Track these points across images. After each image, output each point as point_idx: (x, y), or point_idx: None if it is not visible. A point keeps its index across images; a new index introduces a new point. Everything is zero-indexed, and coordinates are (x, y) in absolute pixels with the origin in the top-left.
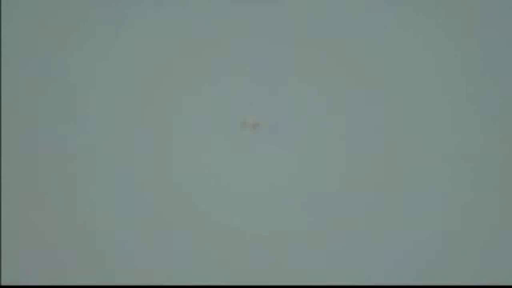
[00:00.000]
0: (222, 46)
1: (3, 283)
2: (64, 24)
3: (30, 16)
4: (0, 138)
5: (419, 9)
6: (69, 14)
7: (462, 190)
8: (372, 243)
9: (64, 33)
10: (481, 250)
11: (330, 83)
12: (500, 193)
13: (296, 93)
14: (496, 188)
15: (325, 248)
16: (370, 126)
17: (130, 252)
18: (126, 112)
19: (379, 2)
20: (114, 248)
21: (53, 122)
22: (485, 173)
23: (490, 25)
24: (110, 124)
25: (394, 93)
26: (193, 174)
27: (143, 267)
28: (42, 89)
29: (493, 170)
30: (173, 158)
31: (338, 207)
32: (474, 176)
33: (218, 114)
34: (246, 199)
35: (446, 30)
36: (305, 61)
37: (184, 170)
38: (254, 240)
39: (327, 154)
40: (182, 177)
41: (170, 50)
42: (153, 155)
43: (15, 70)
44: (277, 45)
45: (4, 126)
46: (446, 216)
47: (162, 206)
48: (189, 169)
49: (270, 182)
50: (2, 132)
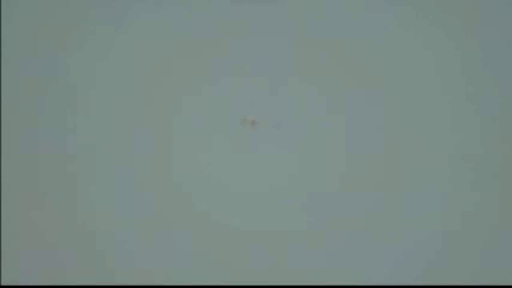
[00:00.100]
0: (222, 46)
1: (3, 283)
2: (64, 24)
3: (30, 16)
4: (0, 138)
5: (419, 9)
6: (69, 14)
7: (462, 190)
8: (372, 243)
9: (64, 33)
10: (481, 250)
11: (330, 83)
12: (500, 193)
13: (296, 93)
14: (496, 188)
15: (325, 248)
16: (370, 126)
17: (130, 252)
18: (126, 112)
19: (379, 2)
20: (114, 248)
21: (53, 122)
22: (485, 173)
23: (490, 25)
24: (110, 124)
25: (394, 93)
26: (193, 174)
27: (143, 267)
28: (42, 89)
29: (493, 170)
30: (173, 158)
31: (338, 207)
32: (474, 176)
33: (218, 114)
34: (246, 199)
35: (446, 30)
36: (305, 61)
37: (184, 170)
38: (254, 240)
39: (327, 154)
40: (182, 177)
41: (170, 50)
42: (153, 155)
43: (15, 70)
44: (277, 45)
45: (4, 126)
46: (446, 216)
47: (162, 206)
48: (189, 169)
49: (270, 182)
50: (2, 132)
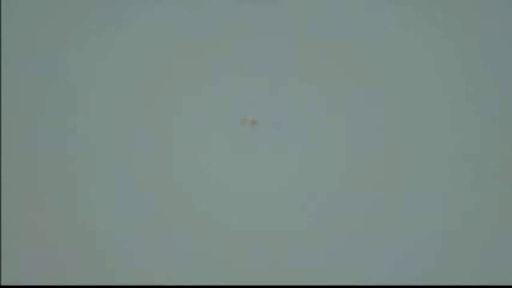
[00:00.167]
0: (222, 46)
1: (3, 283)
2: (64, 24)
3: (30, 16)
4: (0, 138)
5: (419, 9)
6: (69, 14)
7: (462, 190)
8: (372, 243)
9: (64, 33)
10: (481, 250)
11: (330, 83)
12: (500, 193)
13: (296, 93)
14: (496, 188)
15: (325, 248)
16: (370, 126)
17: (130, 252)
18: (126, 112)
19: (379, 2)
20: (114, 248)
21: (53, 122)
22: (485, 173)
23: (490, 25)
24: (110, 124)
25: (394, 93)
26: (192, 174)
27: (143, 267)
28: (42, 89)
29: (493, 170)
30: (173, 158)
31: (338, 207)
32: (474, 176)
33: (218, 114)
34: (246, 199)
35: (446, 30)
36: (305, 61)
37: (184, 170)
38: (254, 240)
39: (327, 154)
40: (182, 177)
41: (170, 50)
42: (153, 155)
43: (15, 70)
44: (277, 45)
45: (4, 126)
46: (446, 216)
47: (162, 206)
48: (189, 169)
49: (270, 182)
50: (2, 132)
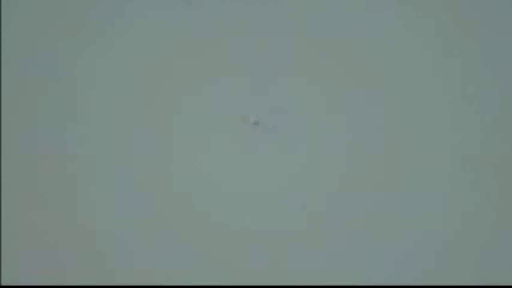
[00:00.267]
0: (222, 46)
1: (3, 283)
2: (64, 24)
3: (30, 16)
4: (0, 138)
5: (419, 9)
6: (69, 14)
7: (462, 190)
8: (372, 243)
9: (64, 33)
10: (481, 250)
11: (330, 83)
12: (500, 193)
13: (296, 93)
14: (496, 188)
15: (325, 248)
16: (370, 126)
17: (130, 252)
18: (126, 112)
19: (379, 2)
20: (114, 248)
21: (53, 122)
22: (485, 173)
23: (490, 25)
24: (110, 124)
25: (394, 93)
26: (193, 174)
27: (143, 267)
28: (42, 89)
29: (493, 170)
30: (173, 158)
31: (338, 207)
32: (474, 176)
33: (218, 114)
34: (246, 199)
35: (446, 30)
36: (305, 61)
37: (184, 170)
38: (254, 240)
39: (327, 154)
40: (182, 177)
41: (170, 50)
42: (153, 155)
43: (15, 70)
44: (277, 45)
45: (4, 126)
46: (446, 216)
47: (162, 206)
48: (189, 169)
49: (270, 182)
50: (2, 132)
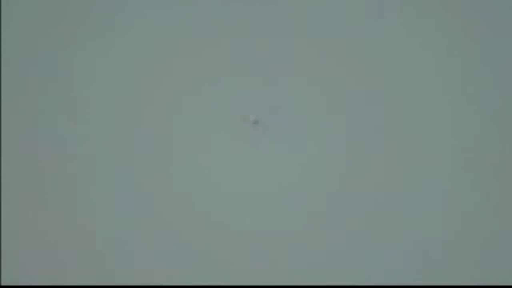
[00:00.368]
0: (222, 46)
1: (3, 283)
2: (63, 24)
3: (30, 16)
4: (0, 138)
5: (419, 9)
6: (68, 14)
7: (462, 190)
8: (372, 243)
9: (63, 33)
10: (481, 250)
11: (330, 83)
12: (500, 193)
13: (296, 93)
14: (496, 188)
15: (325, 248)
16: (370, 126)
17: (130, 252)
18: (126, 112)
19: (379, 2)
20: (114, 248)
21: (53, 122)
22: (485, 173)
23: (490, 25)
24: (110, 124)
25: (394, 93)
26: (192, 174)
27: (143, 267)
28: (42, 89)
29: (493, 170)
30: (173, 158)
31: (338, 207)
32: (474, 176)
33: (218, 114)
34: (245, 199)
35: (446, 30)
36: (305, 61)
37: (184, 170)
38: (254, 240)
39: (327, 154)
40: (182, 177)
41: (170, 50)
42: (153, 155)
43: (15, 70)
44: (277, 45)
45: (4, 126)
46: (446, 216)
47: (162, 206)
48: (189, 169)
49: (270, 182)
50: (2, 132)
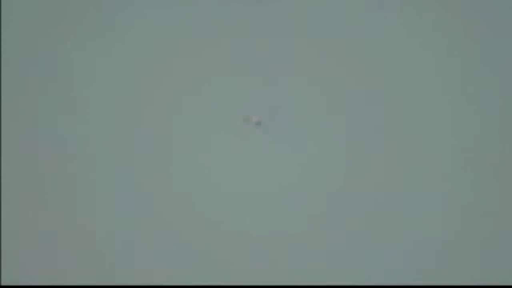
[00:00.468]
0: (222, 46)
1: (3, 283)
2: (64, 24)
3: (30, 16)
4: (0, 138)
5: (419, 9)
6: (68, 15)
7: (462, 190)
8: (372, 243)
9: (64, 33)
10: (481, 250)
11: (330, 83)
12: (500, 193)
13: (296, 93)
14: (496, 188)
15: (325, 248)
16: (370, 126)
17: (130, 252)
18: (126, 112)
19: (379, 2)
20: (114, 248)
21: (53, 122)
22: (485, 173)
23: (490, 25)
24: (110, 124)
25: (394, 93)
26: (193, 174)
27: (143, 267)
28: (42, 89)
29: (493, 170)
30: (173, 158)
31: (338, 207)
32: (474, 176)
33: (218, 114)
34: (245, 199)
35: (446, 30)
36: (305, 61)
37: (184, 170)
38: (254, 240)
39: (327, 154)
40: (182, 177)
41: (170, 50)
42: (153, 155)
43: (15, 70)
44: (277, 45)
45: (4, 126)
46: (446, 216)
47: (162, 206)
48: (189, 169)
49: (270, 183)
50: (2, 132)
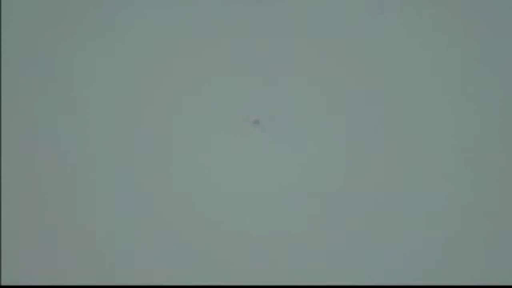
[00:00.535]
0: (222, 46)
1: (3, 283)
2: (64, 24)
3: (30, 16)
4: (0, 138)
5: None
6: (68, 14)
7: (462, 190)
8: (372, 243)
9: (64, 33)
10: (481, 250)
11: (330, 83)
12: (500, 193)
13: (296, 93)
14: (496, 188)
15: (325, 248)
16: (370, 126)
17: (130, 252)
18: (126, 112)
19: (379, 2)
20: (114, 248)
21: (53, 122)
22: (485, 173)
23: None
24: (110, 124)
25: (394, 93)
26: (193, 174)
27: (143, 267)
28: (42, 89)
29: (493, 170)
30: (173, 158)
31: (338, 207)
32: (474, 176)
33: (218, 114)
34: (245, 199)
35: (446, 30)
36: (305, 61)
37: (184, 170)
38: (254, 240)
39: (327, 154)
40: (182, 177)
41: (170, 50)
42: (153, 155)
43: (15, 70)
44: (277, 45)
45: (4, 126)
46: (446, 216)
47: (162, 206)
48: (189, 169)
49: (270, 182)
50: (2, 132)
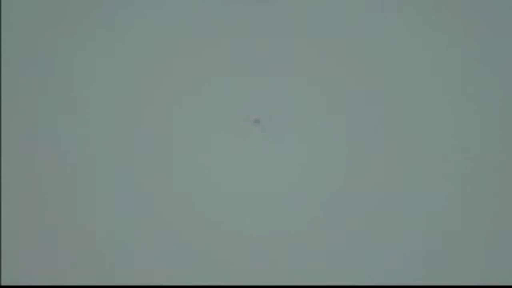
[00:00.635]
0: (222, 46)
1: (3, 283)
2: (64, 24)
3: (30, 16)
4: (0, 138)
5: (419, 9)
6: (68, 14)
7: (462, 190)
8: (372, 243)
9: (64, 33)
10: (481, 250)
11: (330, 83)
12: (500, 192)
13: (296, 93)
14: (496, 187)
15: (325, 248)
16: (370, 126)
17: (130, 252)
18: (126, 112)
19: (379, 2)
20: (114, 248)
21: (53, 122)
22: (485, 173)
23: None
24: (110, 124)
25: (394, 93)
26: (193, 174)
27: (143, 267)
28: (42, 89)
29: (493, 170)
30: (173, 158)
31: (338, 207)
32: (474, 176)
33: (218, 114)
34: (245, 199)
35: (446, 30)
36: (305, 61)
37: (184, 170)
38: (254, 240)
39: (327, 154)
40: (182, 177)
41: (170, 50)
42: (153, 155)
43: (15, 70)
44: (277, 45)
45: (4, 126)
46: (446, 216)
47: (162, 206)
48: (189, 169)
49: (270, 182)
50: (2, 132)
